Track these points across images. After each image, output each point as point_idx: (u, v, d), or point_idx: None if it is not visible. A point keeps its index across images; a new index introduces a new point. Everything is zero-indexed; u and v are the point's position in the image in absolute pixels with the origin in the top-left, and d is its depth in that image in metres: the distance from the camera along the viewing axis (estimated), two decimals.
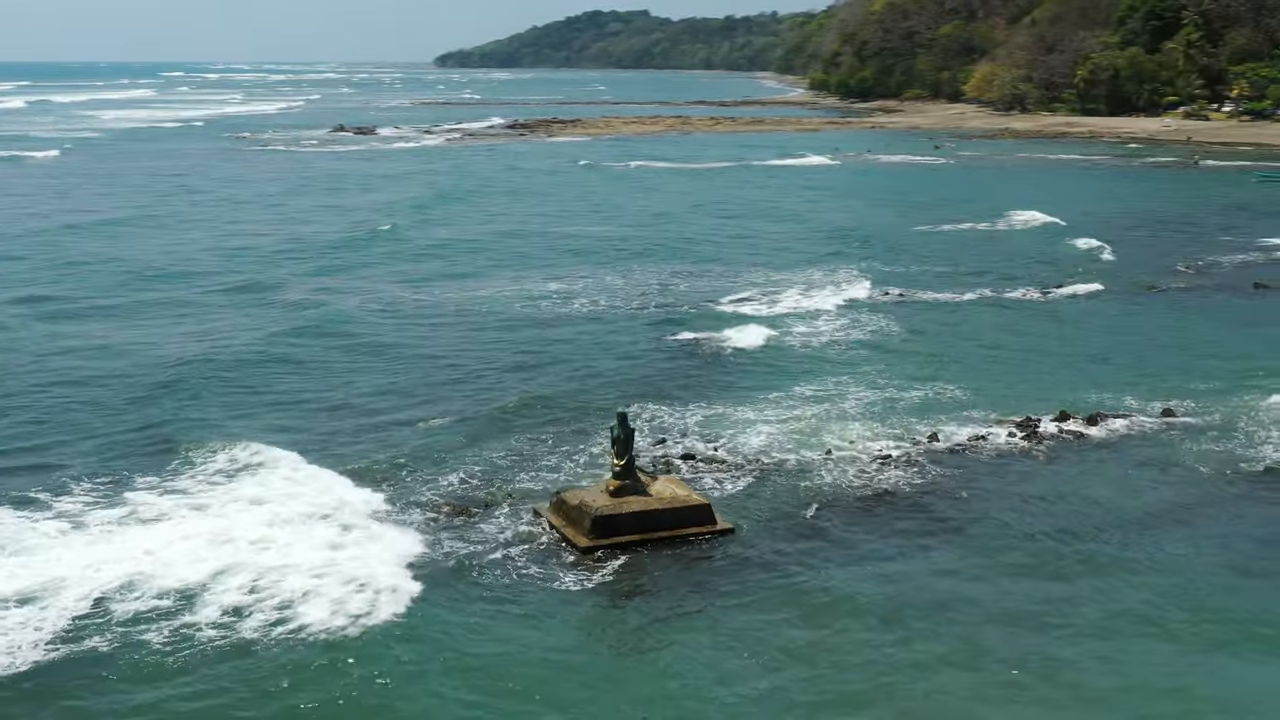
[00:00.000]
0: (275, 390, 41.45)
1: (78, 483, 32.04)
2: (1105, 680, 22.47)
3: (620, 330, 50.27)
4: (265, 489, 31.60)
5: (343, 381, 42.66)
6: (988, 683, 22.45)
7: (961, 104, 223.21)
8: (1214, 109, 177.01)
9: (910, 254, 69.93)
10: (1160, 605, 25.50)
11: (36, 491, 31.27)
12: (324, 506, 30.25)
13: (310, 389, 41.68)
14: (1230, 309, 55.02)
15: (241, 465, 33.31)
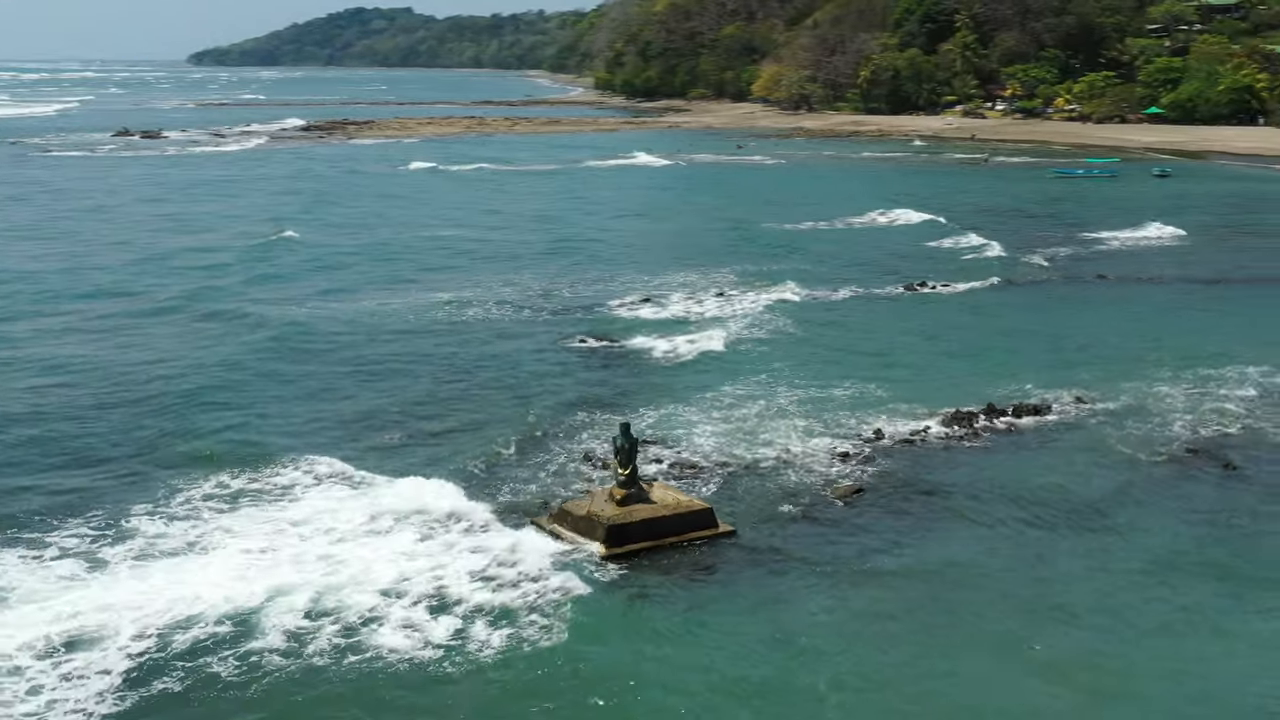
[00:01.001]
0: (273, 407, 40.68)
1: (99, 513, 31.11)
2: (1123, 647, 24.42)
3: (537, 338, 50.36)
4: (296, 507, 31.51)
5: (337, 394, 42.44)
6: (1021, 671, 24.04)
7: (748, 103, 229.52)
8: (989, 107, 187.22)
9: (794, 252, 72.18)
10: (1146, 576, 27.74)
11: (59, 524, 30.39)
12: (352, 522, 30.42)
13: (305, 403, 41.30)
14: (1085, 299, 58.85)
15: (257, 486, 33.11)
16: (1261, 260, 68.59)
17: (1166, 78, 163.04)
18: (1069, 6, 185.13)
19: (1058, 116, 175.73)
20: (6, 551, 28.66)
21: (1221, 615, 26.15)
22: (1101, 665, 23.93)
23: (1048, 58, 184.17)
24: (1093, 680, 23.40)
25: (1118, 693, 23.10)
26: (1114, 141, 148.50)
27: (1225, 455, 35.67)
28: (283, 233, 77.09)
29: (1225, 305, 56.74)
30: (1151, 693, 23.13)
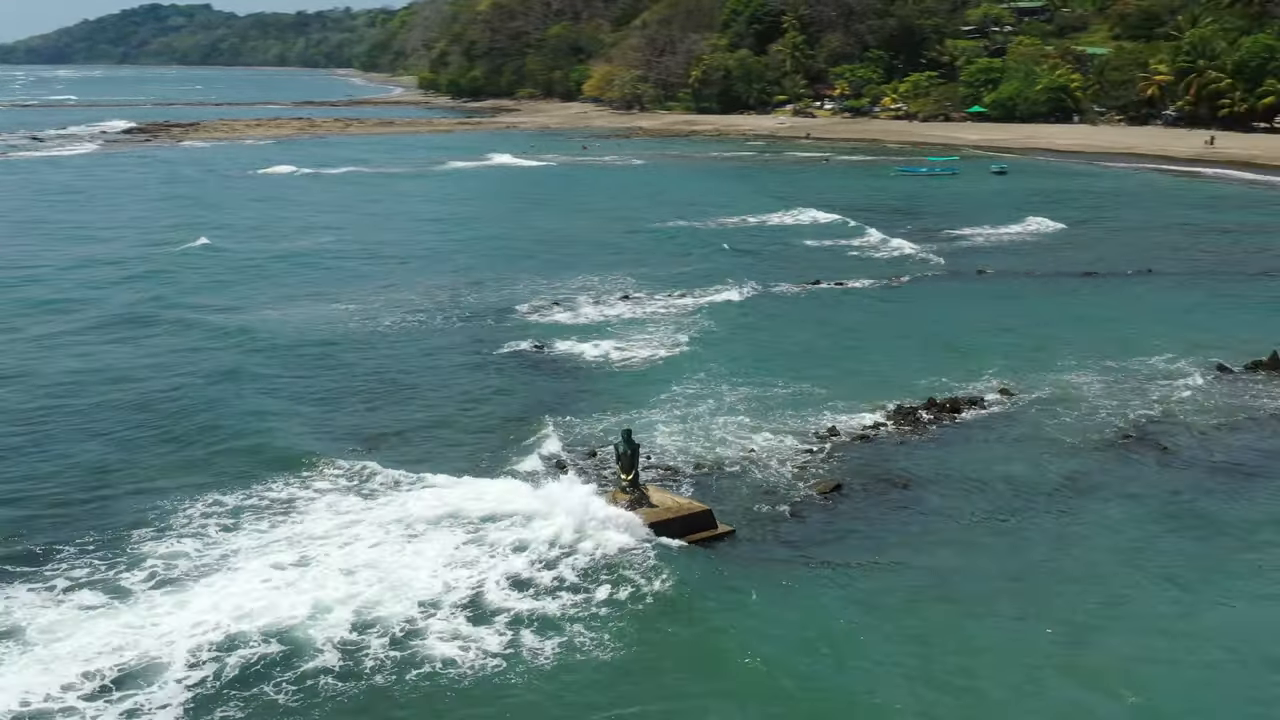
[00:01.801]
0: (262, 419, 40.32)
1: (101, 535, 30.64)
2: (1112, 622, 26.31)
3: (466, 346, 50.35)
4: (309, 520, 31.47)
5: (347, 402, 42.76)
6: (1043, 648, 25.65)
7: (579, 104, 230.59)
8: (818, 106, 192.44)
9: (687, 253, 73.31)
10: (1126, 554, 29.73)
11: (61, 550, 29.83)
12: (370, 532, 30.51)
13: (291, 413, 41.22)
14: (979, 292, 61.44)
15: (257, 500, 32.94)
16: (1122, 252, 72.48)
17: (987, 78, 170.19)
18: (891, 9, 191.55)
19: (885, 115, 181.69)
20: (12, 585, 27.72)
21: (1205, 583, 28.38)
22: (1103, 634, 25.76)
23: (872, 58, 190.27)
24: (1100, 646, 25.26)
25: (1131, 655, 24.94)
26: (943, 139, 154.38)
27: (1157, 440, 38.08)
28: (198, 240, 76.13)
29: (1106, 296, 59.89)
30: (1166, 654, 24.94)
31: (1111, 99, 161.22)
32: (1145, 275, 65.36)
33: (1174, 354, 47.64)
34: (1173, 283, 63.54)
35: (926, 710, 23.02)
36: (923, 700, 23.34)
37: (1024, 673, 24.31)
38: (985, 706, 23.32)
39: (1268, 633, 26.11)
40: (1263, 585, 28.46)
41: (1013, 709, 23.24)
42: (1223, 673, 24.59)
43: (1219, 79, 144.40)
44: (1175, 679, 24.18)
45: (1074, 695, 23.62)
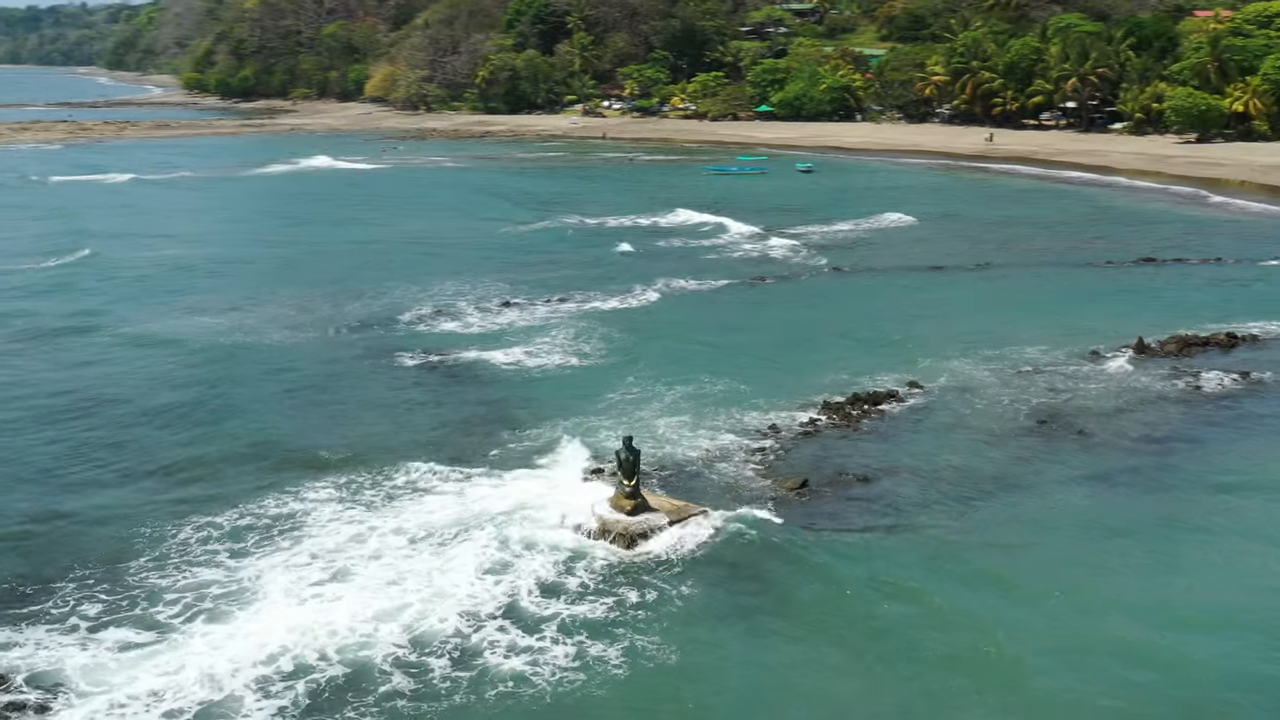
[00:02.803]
0: (229, 434, 40.46)
1: (106, 570, 30.17)
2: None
3: (371, 359, 50.22)
4: (317, 537, 31.39)
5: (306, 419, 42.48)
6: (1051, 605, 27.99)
7: (359, 104, 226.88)
8: (607, 106, 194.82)
9: (554, 258, 73.81)
10: (1090, 524, 32.69)
11: (69, 590, 29.14)
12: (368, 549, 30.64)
13: (273, 429, 41.06)
14: (847, 288, 64.37)
15: (252, 521, 32.60)
16: (956, 246, 76.69)
17: (773, 78, 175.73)
18: (674, 10, 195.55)
19: (674, 115, 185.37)
20: (35, 628, 26.83)
21: (1168, 541, 31.87)
22: (1098, 589, 28.76)
23: (658, 59, 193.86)
24: (1098, 603, 28.19)
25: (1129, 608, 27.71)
26: (737, 138, 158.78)
27: (1071, 424, 41.22)
28: (83, 251, 74.82)
29: (960, 289, 63.51)
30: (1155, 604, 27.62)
31: (891, 98, 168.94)
32: (986, 268, 69.55)
33: (1045, 344, 51.14)
34: (1011, 274, 67.91)
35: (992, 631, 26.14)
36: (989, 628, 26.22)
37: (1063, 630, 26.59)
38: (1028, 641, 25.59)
39: (1233, 580, 29.14)
40: (1215, 538, 31.92)
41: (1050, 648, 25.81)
42: (1204, 614, 27.63)
43: (992, 79, 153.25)
44: (1169, 627, 26.87)
45: (1077, 624, 26.71)
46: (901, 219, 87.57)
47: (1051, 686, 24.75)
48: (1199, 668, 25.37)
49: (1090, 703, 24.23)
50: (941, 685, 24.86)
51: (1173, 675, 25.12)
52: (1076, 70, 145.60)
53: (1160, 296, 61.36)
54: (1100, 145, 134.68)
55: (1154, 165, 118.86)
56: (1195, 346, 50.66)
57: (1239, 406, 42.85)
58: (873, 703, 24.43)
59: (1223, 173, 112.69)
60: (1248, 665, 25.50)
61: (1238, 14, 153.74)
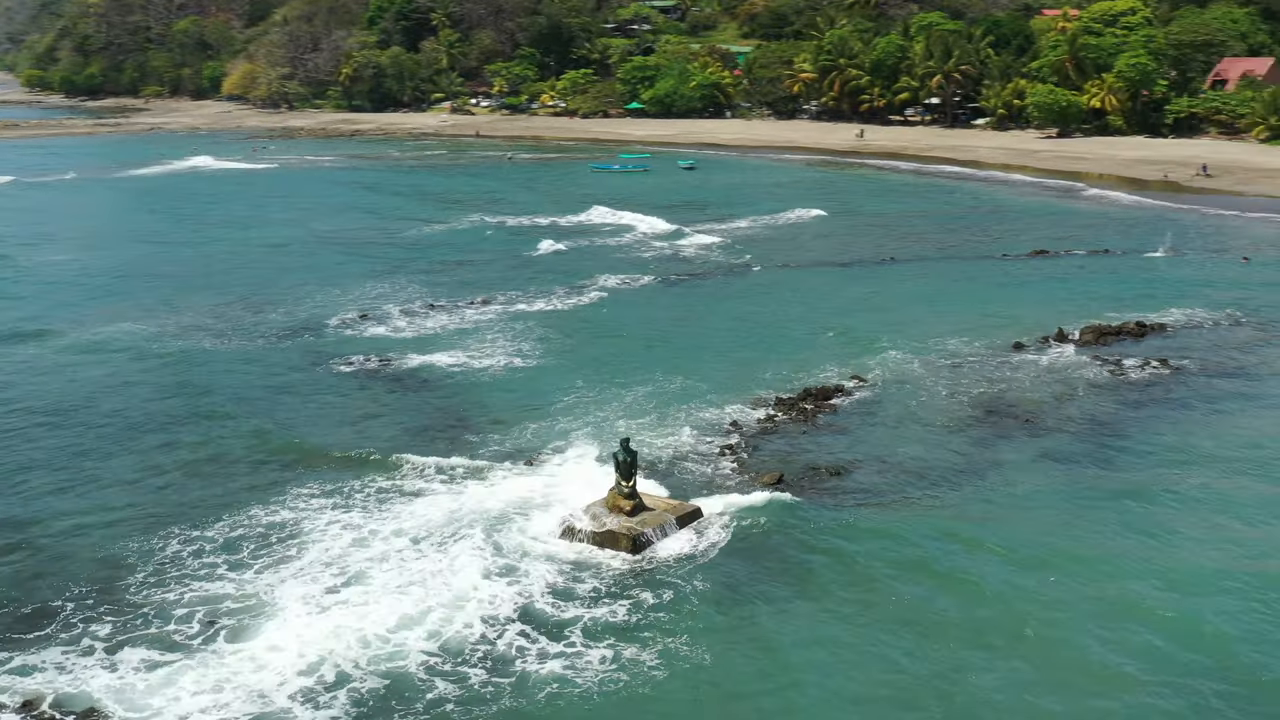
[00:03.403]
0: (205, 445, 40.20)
1: (124, 586, 29.73)
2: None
3: (308, 366, 49.73)
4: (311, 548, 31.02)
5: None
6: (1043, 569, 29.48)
7: (216, 102, 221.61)
8: (475, 104, 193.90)
9: (466, 259, 73.50)
10: (1069, 503, 34.23)
11: (70, 609, 28.68)
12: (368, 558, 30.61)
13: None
14: (765, 285, 65.58)
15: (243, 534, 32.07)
16: (857, 241, 78.70)
17: (643, 75, 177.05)
18: (539, 7, 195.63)
19: (544, 112, 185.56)
20: (48, 650, 26.38)
21: (1143, 514, 33.91)
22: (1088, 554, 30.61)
23: (525, 56, 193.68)
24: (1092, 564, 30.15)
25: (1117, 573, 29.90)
26: (610, 135, 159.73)
27: (1016, 413, 42.97)
28: None
29: (872, 284, 65.18)
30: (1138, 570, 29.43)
31: (761, 95, 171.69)
32: (890, 263, 71.56)
33: (966, 336, 53.05)
34: (917, 268, 69.99)
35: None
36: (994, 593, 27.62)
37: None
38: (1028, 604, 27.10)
39: (1208, 543, 31.10)
40: (1180, 507, 34.20)
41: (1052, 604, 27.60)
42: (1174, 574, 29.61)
43: (859, 76, 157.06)
44: (1166, 588, 28.66)
45: (1081, 589, 28.82)
46: (804, 214, 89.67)
47: (1067, 641, 26.74)
48: (1200, 622, 27.44)
49: (1106, 657, 26.20)
50: (972, 649, 26.59)
51: (1178, 629, 27.15)
52: (941, 67, 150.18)
53: (1060, 288, 63.87)
54: (967, 140, 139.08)
55: (1021, 159, 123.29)
56: (1110, 335, 53.08)
57: (1168, 391, 45.17)
58: (913, 670, 25.79)
59: (1088, 166, 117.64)
60: (1238, 618, 27.70)
61: (1084, 13, 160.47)
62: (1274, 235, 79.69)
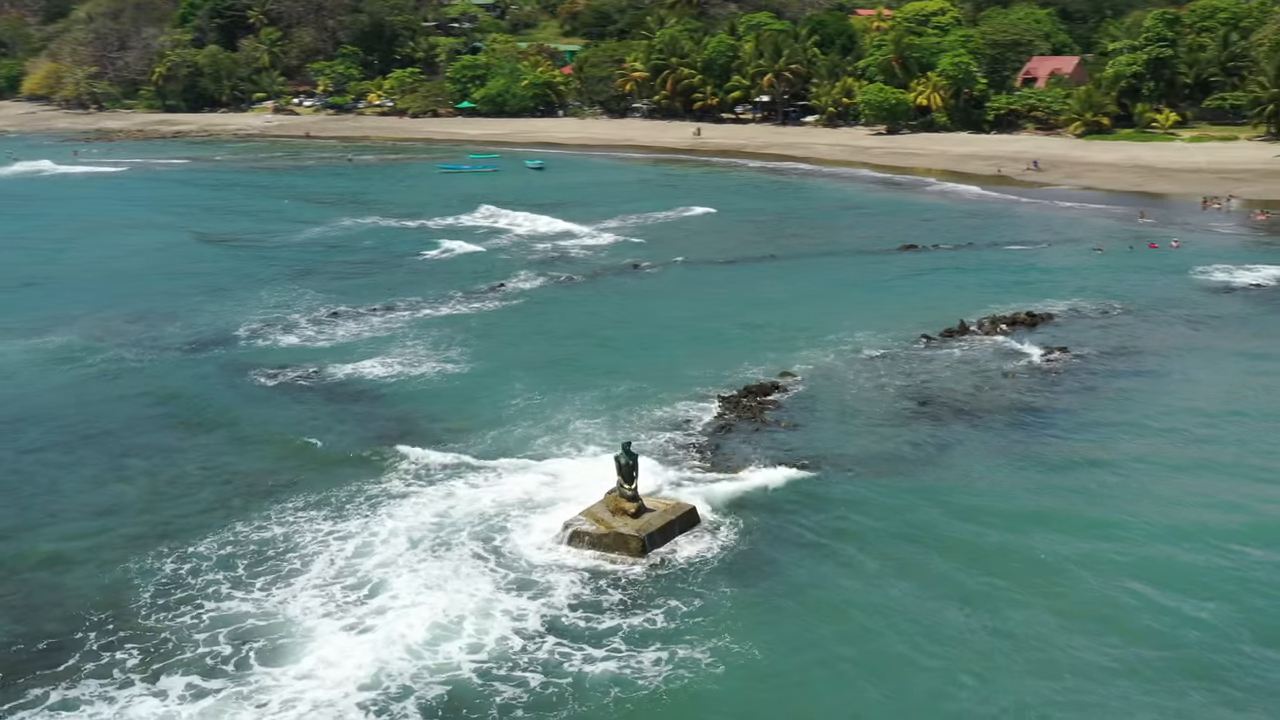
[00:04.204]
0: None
1: (133, 612, 29.05)
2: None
3: (232, 379, 48.80)
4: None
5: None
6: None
7: (15, 103, 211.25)
8: (298, 103, 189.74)
9: (394, 255, 73.45)
10: (1026, 479, 36.40)
11: (80, 641, 27.91)
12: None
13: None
14: (671, 283, 66.82)
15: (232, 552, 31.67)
16: (733, 240, 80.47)
17: (473, 74, 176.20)
18: (361, 5, 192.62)
19: (371, 111, 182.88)
20: (83, 685, 25.89)
21: (1108, 482, 36.99)
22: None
23: (347, 54, 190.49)
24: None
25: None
26: (445, 135, 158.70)
27: (947, 403, 45.10)
28: None
29: (764, 282, 66.72)
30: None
31: (592, 94, 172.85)
32: (772, 260, 73.60)
33: (872, 329, 55.13)
34: (797, 266, 72.02)
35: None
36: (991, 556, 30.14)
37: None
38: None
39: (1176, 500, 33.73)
40: (1136, 474, 37.46)
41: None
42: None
43: (692, 75, 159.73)
44: (1161, 541, 31.42)
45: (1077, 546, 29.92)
46: (684, 213, 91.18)
47: (1081, 586, 29.67)
48: (1196, 571, 30.80)
49: (1114, 597, 29.26)
50: (1005, 604, 29.37)
51: (1181, 578, 30.46)
52: (772, 66, 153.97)
53: (940, 281, 66.83)
54: (802, 138, 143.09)
55: (860, 155, 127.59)
56: (1005, 325, 56.01)
57: (1077, 375, 48.05)
58: (960, 623, 28.24)
59: (923, 161, 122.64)
60: (1197, 562, 31.34)
61: (897, 13, 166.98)
62: (1113, 226, 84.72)
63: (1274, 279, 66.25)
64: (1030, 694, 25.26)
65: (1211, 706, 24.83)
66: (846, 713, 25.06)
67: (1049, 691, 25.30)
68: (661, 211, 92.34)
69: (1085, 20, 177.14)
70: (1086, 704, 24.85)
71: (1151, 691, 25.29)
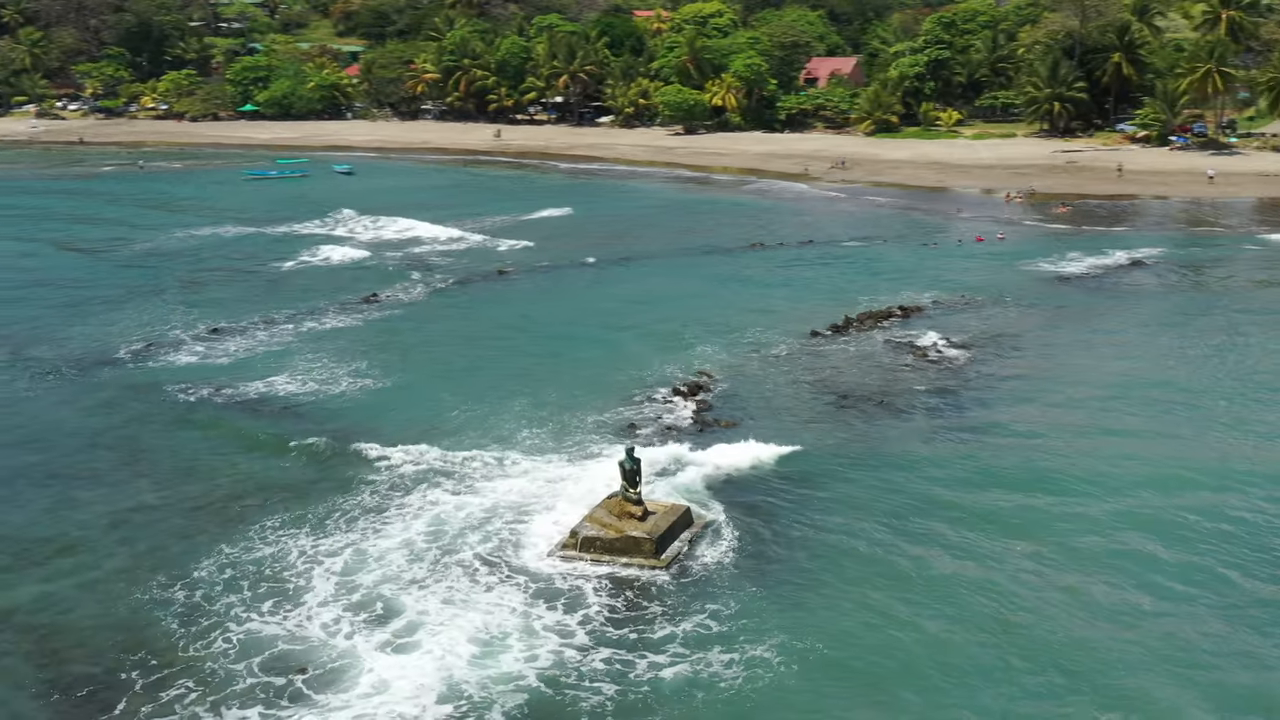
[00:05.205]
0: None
1: (170, 647, 28.25)
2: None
3: (130, 404, 46.82)
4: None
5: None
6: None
7: None
8: (63, 107, 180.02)
9: (260, 264, 71.56)
10: (967, 467, 38.91)
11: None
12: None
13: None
14: (553, 285, 67.40)
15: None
16: (591, 241, 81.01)
17: (255, 76, 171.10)
18: (125, 4, 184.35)
19: (144, 115, 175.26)
20: None
21: (1050, 451, 39.64)
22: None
23: (113, 55, 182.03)
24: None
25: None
26: (234, 139, 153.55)
27: (865, 396, 47.25)
28: None
29: (634, 284, 67.82)
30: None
31: (382, 96, 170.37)
32: (631, 261, 74.93)
33: (760, 327, 57.27)
34: (659, 266, 73.55)
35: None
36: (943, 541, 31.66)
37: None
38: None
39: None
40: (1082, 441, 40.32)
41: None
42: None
43: (485, 76, 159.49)
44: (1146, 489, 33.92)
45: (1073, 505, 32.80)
46: (524, 217, 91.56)
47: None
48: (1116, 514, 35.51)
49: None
50: (1025, 558, 32.67)
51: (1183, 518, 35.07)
52: (567, 68, 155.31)
53: (799, 277, 69.53)
54: (603, 139, 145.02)
55: (665, 156, 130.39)
56: (884, 319, 58.99)
57: (975, 362, 51.28)
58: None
59: (729, 161, 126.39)
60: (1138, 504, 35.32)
61: (675, 15, 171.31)
62: (936, 222, 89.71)
63: (1096, 268, 71.85)
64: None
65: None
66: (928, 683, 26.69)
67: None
68: (498, 215, 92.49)
69: (851, 22, 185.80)
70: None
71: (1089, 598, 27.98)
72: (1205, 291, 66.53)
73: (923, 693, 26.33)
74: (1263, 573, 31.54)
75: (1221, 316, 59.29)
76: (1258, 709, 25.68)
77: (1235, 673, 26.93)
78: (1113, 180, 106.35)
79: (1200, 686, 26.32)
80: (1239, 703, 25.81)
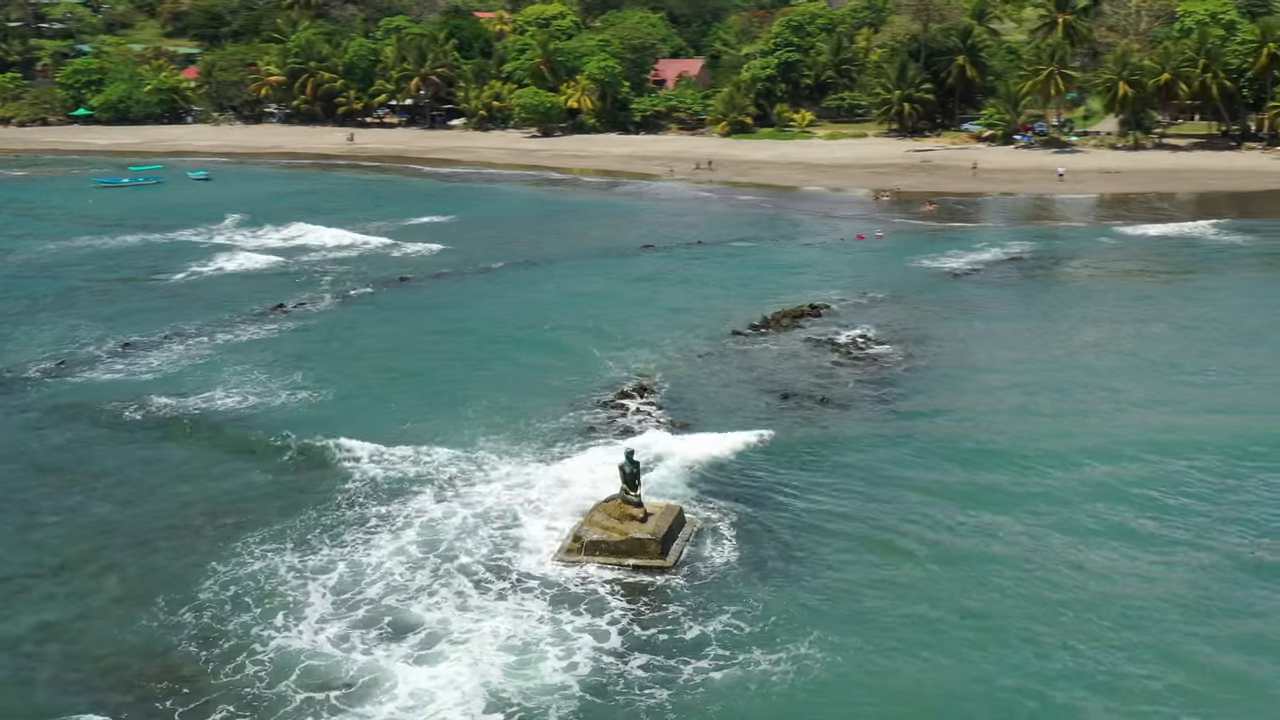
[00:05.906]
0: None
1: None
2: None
3: (54, 422, 45.34)
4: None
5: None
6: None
7: None
8: None
9: (154, 279, 69.23)
10: (920, 450, 40.55)
11: None
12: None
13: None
14: (437, 298, 66.79)
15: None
16: (479, 247, 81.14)
17: (88, 79, 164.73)
18: None
19: None
20: None
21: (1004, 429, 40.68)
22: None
23: None
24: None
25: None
26: (70, 146, 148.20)
27: (803, 394, 48.50)
28: None
29: (534, 290, 67.82)
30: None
31: (224, 99, 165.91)
32: (532, 265, 75.05)
33: (680, 329, 57.94)
34: (559, 269, 73.63)
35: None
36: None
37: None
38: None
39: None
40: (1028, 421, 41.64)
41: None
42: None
43: (333, 79, 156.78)
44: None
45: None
46: (406, 222, 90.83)
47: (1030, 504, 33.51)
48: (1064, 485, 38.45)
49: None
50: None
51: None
52: (418, 71, 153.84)
53: (699, 278, 70.52)
54: (459, 141, 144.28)
55: (527, 159, 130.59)
56: (797, 318, 60.50)
57: (894, 355, 53.21)
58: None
59: (591, 163, 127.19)
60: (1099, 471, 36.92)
61: (517, 16, 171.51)
62: (810, 221, 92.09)
63: (977, 263, 74.95)
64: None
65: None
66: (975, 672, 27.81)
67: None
68: (379, 220, 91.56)
69: (690, 24, 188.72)
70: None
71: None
72: (1082, 281, 70.37)
73: (954, 655, 27.99)
74: (1193, 526, 34.73)
75: (1103, 303, 63.24)
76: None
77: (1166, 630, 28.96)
78: (968, 178, 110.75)
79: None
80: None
